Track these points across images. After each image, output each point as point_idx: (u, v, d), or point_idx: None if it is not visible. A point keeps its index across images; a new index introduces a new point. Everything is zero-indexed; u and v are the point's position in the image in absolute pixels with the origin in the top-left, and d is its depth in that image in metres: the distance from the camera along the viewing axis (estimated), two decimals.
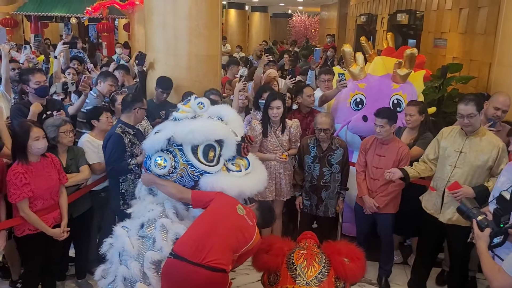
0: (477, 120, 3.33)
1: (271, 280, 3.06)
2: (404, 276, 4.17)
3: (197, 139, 2.98)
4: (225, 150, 3.09)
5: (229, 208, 2.84)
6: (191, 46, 4.88)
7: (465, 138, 3.40)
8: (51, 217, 3.26)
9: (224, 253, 2.68)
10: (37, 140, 3.09)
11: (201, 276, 2.60)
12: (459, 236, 3.46)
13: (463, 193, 3.30)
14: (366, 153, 3.92)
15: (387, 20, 10.72)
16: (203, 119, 3.12)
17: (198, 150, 3.03)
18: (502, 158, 3.31)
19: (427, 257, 3.80)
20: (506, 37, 4.73)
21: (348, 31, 15.37)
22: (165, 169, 3.01)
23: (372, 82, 4.51)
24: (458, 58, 6.74)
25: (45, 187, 3.18)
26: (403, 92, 4.39)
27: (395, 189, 3.80)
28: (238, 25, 19.20)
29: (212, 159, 3.05)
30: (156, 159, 3.04)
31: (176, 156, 3.03)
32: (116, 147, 3.49)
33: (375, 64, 4.73)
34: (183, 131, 2.99)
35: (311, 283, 2.93)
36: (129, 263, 2.91)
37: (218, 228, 2.72)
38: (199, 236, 2.69)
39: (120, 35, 15.01)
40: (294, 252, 3.12)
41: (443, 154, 3.50)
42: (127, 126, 3.61)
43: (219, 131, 3.06)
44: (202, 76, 4.97)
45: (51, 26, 15.03)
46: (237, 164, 3.15)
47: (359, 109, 4.44)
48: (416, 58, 4.44)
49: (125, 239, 2.95)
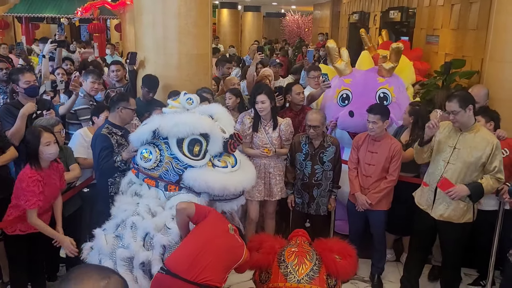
0: (463, 116, 3.29)
1: (262, 278, 3.04)
2: (397, 273, 4.15)
3: (182, 132, 2.98)
4: (211, 145, 3.07)
5: (222, 227, 2.82)
6: (181, 45, 4.84)
7: (459, 134, 3.38)
8: (44, 219, 3.23)
9: (217, 271, 2.66)
10: (48, 145, 3.07)
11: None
12: (451, 232, 3.46)
13: (457, 192, 3.29)
14: (358, 150, 3.90)
15: (380, 18, 10.73)
16: (190, 113, 3.11)
17: (183, 143, 3.02)
18: (495, 155, 3.28)
19: (419, 254, 3.79)
20: (498, 32, 4.72)
21: (341, 29, 15.38)
22: (150, 161, 3.02)
23: (357, 77, 4.51)
24: (450, 55, 6.75)
25: (51, 196, 3.20)
26: (390, 85, 4.38)
27: (387, 186, 3.78)
28: (231, 24, 19.17)
29: (198, 154, 3.04)
30: (142, 152, 3.05)
31: (161, 149, 3.04)
32: (102, 147, 3.44)
33: (362, 59, 4.73)
34: (169, 123, 2.99)
35: (302, 281, 2.92)
36: (103, 262, 2.90)
37: (212, 246, 2.69)
38: (192, 253, 2.65)
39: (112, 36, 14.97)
40: (285, 250, 3.11)
41: (437, 148, 3.49)
42: (114, 126, 3.55)
43: (204, 125, 3.04)
44: (193, 75, 4.93)
45: (42, 27, 14.94)
46: (224, 160, 3.12)
47: (345, 104, 4.42)
48: (401, 52, 4.43)
49: (101, 237, 2.94)
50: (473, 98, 3.38)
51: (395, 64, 4.41)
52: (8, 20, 12.88)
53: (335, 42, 4.65)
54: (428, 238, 3.70)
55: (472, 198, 3.33)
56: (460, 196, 3.31)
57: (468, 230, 3.46)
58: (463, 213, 3.40)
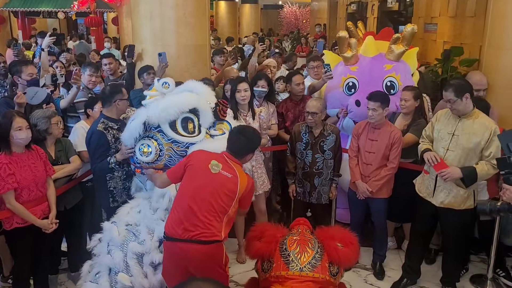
0: (460, 105, 3.28)
1: (264, 267, 3.04)
2: (398, 260, 4.17)
3: (171, 114, 2.98)
4: (202, 118, 3.09)
5: (203, 172, 2.77)
6: (179, 36, 4.81)
7: (458, 121, 3.38)
8: (39, 210, 3.22)
9: (212, 222, 2.68)
10: (20, 130, 3.03)
11: (196, 251, 2.64)
12: (452, 219, 3.47)
13: (450, 173, 3.28)
14: (358, 138, 3.90)
15: (377, 7, 10.69)
16: (171, 95, 3.10)
17: (176, 125, 3.03)
18: (492, 141, 3.26)
19: (420, 241, 3.79)
20: (496, 19, 4.70)
21: (338, 20, 15.33)
22: (152, 154, 3.00)
23: (363, 65, 4.43)
24: (448, 42, 6.73)
25: (30, 178, 3.13)
26: (396, 73, 4.30)
27: (387, 174, 3.78)
28: (228, 17, 19.05)
29: (193, 130, 3.06)
30: (140, 148, 3.03)
31: (157, 139, 3.02)
32: (98, 145, 3.39)
33: (366, 45, 4.63)
34: (156, 111, 2.99)
35: (305, 269, 2.92)
36: (113, 252, 2.91)
37: (198, 199, 2.70)
38: (183, 213, 2.70)
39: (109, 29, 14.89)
40: (287, 239, 3.11)
41: (437, 136, 3.48)
42: (110, 120, 3.48)
43: (190, 100, 3.06)
44: (191, 66, 4.91)
45: (39, 22, 14.85)
46: (219, 128, 3.15)
47: (352, 93, 4.37)
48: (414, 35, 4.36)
49: (113, 227, 2.97)
50: (470, 86, 3.35)
51: (405, 48, 4.32)
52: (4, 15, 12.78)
53: (346, 32, 4.56)
54: (429, 226, 3.71)
55: (465, 182, 3.31)
56: (453, 177, 3.29)
57: (469, 217, 3.46)
58: (463, 200, 3.41)
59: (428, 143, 3.58)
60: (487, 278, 3.80)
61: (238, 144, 2.87)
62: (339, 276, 3.06)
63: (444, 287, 3.77)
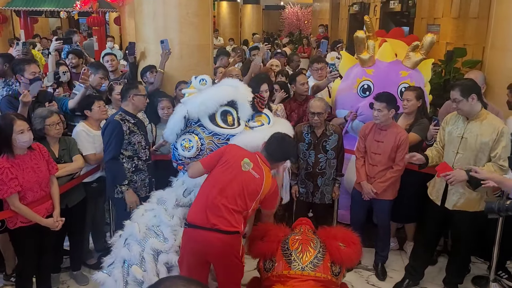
0: (465, 105, 3.26)
1: (266, 267, 3.05)
2: (400, 261, 4.16)
3: (210, 107, 3.07)
4: (241, 111, 3.17)
5: (234, 168, 2.82)
6: (182, 35, 4.81)
7: (467, 123, 3.35)
8: (43, 208, 3.21)
9: (233, 215, 2.75)
10: (22, 133, 3.00)
11: (217, 239, 2.70)
12: (464, 221, 3.44)
13: (454, 176, 3.24)
14: (365, 139, 3.89)
15: (380, 8, 10.68)
16: (209, 89, 3.17)
17: (216, 118, 3.12)
18: (499, 141, 3.23)
19: (427, 244, 3.77)
20: (499, 20, 4.71)
21: (341, 20, 15.30)
22: (193, 148, 3.09)
23: (380, 68, 4.42)
24: (451, 43, 6.72)
25: (34, 180, 3.12)
26: (411, 80, 4.30)
27: (393, 175, 3.76)
28: (230, 17, 19.03)
29: (233, 123, 3.13)
30: (182, 143, 3.13)
31: (198, 133, 3.12)
32: (113, 133, 3.43)
33: (384, 49, 4.61)
34: (195, 105, 3.07)
35: (307, 268, 2.93)
36: (131, 246, 2.98)
37: (224, 193, 2.77)
38: (208, 204, 2.76)
39: (111, 29, 14.90)
40: (289, 238, 3.11)
41: (448, 140, 3.47)
42: (127, 114, 3.55)
43: (228, 92, 3.15)
44: (194, 66, 4.89)
45: (41, 21, 14.86)
46: (258, 120, 3.22)
47: (366, 95, 4.36)
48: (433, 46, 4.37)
49: (134, 225, 3.06)
50: (477, 88, 3.32)
51: (423, 57, 4.34)
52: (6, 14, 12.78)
53: (363, 32, 4.53)
54: (437, 229, 3.69)
55: (471, 184, 3.28)
56: (458, 180, 3.24)
57: (481, 219, 3.38)
58: (476, 202, 3.38)
59: (435, 148, 3.57)
60: (489, 279, 3.79)
61: (275, 150, 2.91)
62: (341, 276, 3.06)
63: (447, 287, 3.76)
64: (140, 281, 2.97)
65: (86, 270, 3.97)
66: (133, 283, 2.97)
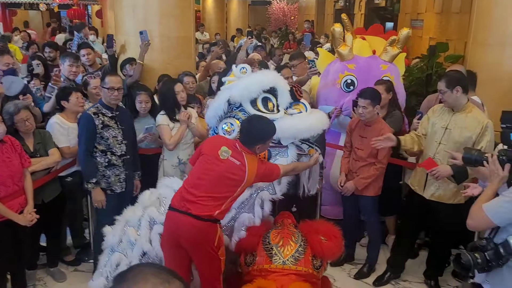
0: (450, 97, 3.27)
1: (247, 261, 3.02)
2: (382, 255, 4.13)
3: (253, 91, 3.11)
4: (280, 97, 3.20)
5: (211, 158, 2.82)
6: (163, 28, 4.74)
7: (452, 115, 3.37)
8: (16, 203, 3.12)
9: (209, 202, 2.73)
10: None
11: (189, 223, 2.70)
12: (441, 212, 3.46)
13: (439, 172, 3.25)
14: (351, 134, 3.86)
15: (365, 4, 10.70)
16: (251, 75, 3.23)
17: (257, 103, 3.15)
18: (484, 136, 3.24)
19: (409, 236, 3.79)
20: (481, 15, 4.73)
21: (326, 16, 15.35)
22: (234, 132, 3.15)
23: (361, 63, 4.40)
24: (434, 38, 6.76)
25: (6, 174, 3.03)
26: (391, 74, 4.31)
27: (375, 173, 3.71)
28: (215, 12, 18.90)
29: (273, 109, 3.17)
30: (223, 127, 3.18)
31: (239, 118, 3.16)
32: (84, 127, 3.38)
33: (361, 45, 4.61)
34: (238, 89, 3.12)
35: (288, 262, 2.90)
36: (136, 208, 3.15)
37: (203, 181, 2.77)
38: (187, 190, 2.78)
39: (93, 22, 14.66)
40: (271, 232, 3.09)
41: (431, 130, 3.47)
42: (104, 107, 3.46)
43: (271, 77, 3.20)
44: (175, 58, 4.84)
45: (20, 14, 14.54)
46: (297, 108, 3.27)
47: (350, 90, 4.33)
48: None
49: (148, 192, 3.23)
50: (463, 80, 3.33)
51: (400, 51, 4.36)
52: None
53: (341, 26, 4.53)
54: (419, 220, 3.70)
55: (456, 179, 3.29)
56: (443, 175, 3.26)
57: (459, 212, 3.35)
58: (453, 194, 3.40)
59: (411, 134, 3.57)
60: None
61: (246, 133, 2.84)
62: (322, 269, 3.05)
63: (427, 280, 3.78)
64: (133, 243, 3.04)
65: (63, 267, 3.89)
66: (126, 243, 3.07)
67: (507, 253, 2.17)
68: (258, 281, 2.85)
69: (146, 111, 3.98)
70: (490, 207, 2.23)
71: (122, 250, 3.08)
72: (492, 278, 2.30)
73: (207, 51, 6.68)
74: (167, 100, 3.82)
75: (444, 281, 3.84)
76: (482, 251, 2.26)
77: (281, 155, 3.19)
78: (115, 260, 3.05)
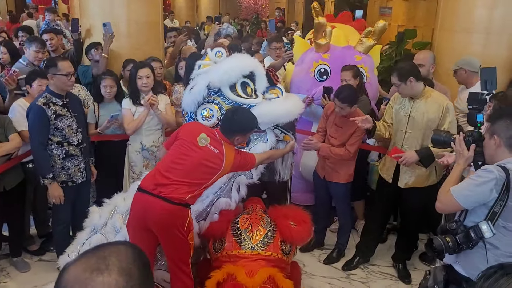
0: (405, 89, 3.32)
1: (216, 247, 2.99)
2: (351, 240, 4.18)
3: (232, 76, 3.06)
4: (258, 82, 3.17)
5: (189, 143, 2.77)
6: (130, 12, 4.60)
7: (412, 102, 3.40)
8: None
9: (183, 188, 2.68)
10: None
11: (160, 206, 2.64)
12: (416, 197, 3.50)
13: (406, 158, 3.30)
14: (327, 119, 3.83)
15: None
16: (229, 59, 3.15)
17: (236, 88, 3.10)
18: (445, 117, 3.29)
19: (379, 221, 3.83)
20: (448, 2, 4.78)
21: (297, 4, 15.33)
22: (213, 118, 3.08)
23: (335, 53, 4.40)
24: (403, 26, 6.83)
25: None
26: (365, 65, 4.32)
27: (340, 153, 3.66)
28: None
29: (251, 94, 3.13)
30: (202, 113, 3.10)
31: (218, 103, 3.10)
32: (35, 121, 3.21)
33: (337, 35, 4.61)
34: (218, 74, 3.06)
35: (257, 247, 2.89)
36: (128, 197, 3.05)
37: (178, 165, 2.72)
38: (160, 173, 2.72)
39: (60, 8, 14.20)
40: (240, 218, 3.07)
41: (396, 118, 3.50)
42: (54, 95, 3.27)
43: (250, 62, 3.15)
44: (143, 44, 4.71)
45: None
46: (274, 92, 3.24)
47: (323, 79, 4.32)
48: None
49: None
50: (414, 70, 3.36)
51: (375, 42, 4.37)
52: None
53: (324, 19, 4.50)
54: (388, 206, 3.75)
55: (423, 163, 3.34)
56: (410, 162, 3.31)
57: (432, 193, 3.42)
58: (426, 177, 3.45)
59: (382, 122, 3.59)
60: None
61: (228, 124, 2.84)
62: (291, 254, 3.05)
63: (395, 264, 3.84)
64: (117, 230, 3.00)
65: (27, 257, 3.77)
66: (111, 227, 3.04)
67: (477, 237, 2.21)
68: (227, 267, 2.83)
69: (111, 96, 3.88)
70: (458, 191, 2.25)
71: (105, 233, 3.03)
72: (462, 259, 2.34)
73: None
74: (130, 83, 3.78)
75: (412, 264, 3.91)
76: (453, 234, 2.29)
77: (260, 139, 3.17)
78: (95, 240, 2.97)
